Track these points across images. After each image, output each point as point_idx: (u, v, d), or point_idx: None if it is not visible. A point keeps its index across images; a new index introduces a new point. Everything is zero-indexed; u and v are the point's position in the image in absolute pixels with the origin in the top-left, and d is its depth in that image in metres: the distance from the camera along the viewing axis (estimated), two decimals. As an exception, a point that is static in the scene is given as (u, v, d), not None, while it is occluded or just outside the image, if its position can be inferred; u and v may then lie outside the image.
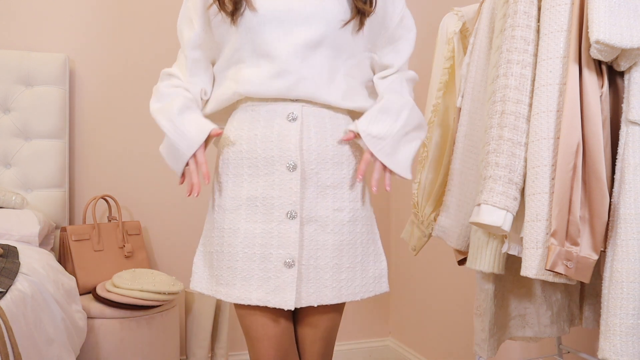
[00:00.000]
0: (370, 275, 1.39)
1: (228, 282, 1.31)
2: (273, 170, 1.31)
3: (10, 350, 1.35)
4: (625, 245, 1.21)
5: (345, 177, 1.36)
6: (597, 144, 1.25)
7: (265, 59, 1.31)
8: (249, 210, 1.31)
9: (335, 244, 1.33)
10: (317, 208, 1.32)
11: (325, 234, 1.32)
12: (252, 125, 1.33)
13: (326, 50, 1.32)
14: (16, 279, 1.63)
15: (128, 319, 2.19)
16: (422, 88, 1.82)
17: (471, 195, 1.59)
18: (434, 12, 2.60)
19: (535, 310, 1.67)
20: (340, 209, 1.34)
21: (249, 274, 1.30)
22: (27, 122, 2.44)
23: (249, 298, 1.29)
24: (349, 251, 1.35)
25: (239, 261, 1.30)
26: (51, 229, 2.38)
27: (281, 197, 1.30)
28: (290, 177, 1.29)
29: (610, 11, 1.20)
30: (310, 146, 1.32)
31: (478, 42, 1.58)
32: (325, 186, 1.33)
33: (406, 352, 2.89)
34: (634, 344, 1.20)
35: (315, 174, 1.32)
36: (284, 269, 1.28)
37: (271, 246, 1.29)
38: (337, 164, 1.35)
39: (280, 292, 1.28)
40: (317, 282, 1.31)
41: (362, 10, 1.33)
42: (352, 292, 1.35)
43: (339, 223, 1.33)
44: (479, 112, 1.58)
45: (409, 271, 2.88)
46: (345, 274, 1.34)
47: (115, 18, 2.66)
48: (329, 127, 1.34)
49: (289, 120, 1.31)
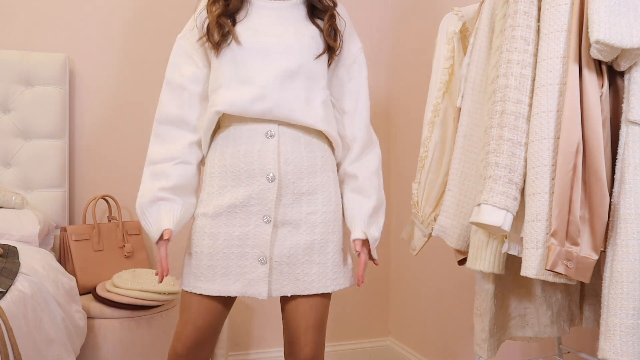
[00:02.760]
0: (341, 270, 1.55)
1: (208, 278, 1.49)
2: (254, 182, 1.48)
3: (10, 350, 1.35)
4: (625, 245, 1.22)
5: (319, 184, 1.53)
6: (597, 144, 1.25)
7: (246, 85, 1.48)
8: (229, 217, 1.49)
9: (307, 242, 1.50)
10: (292, 212, 1.50)
11: (298, 234, 1.50)
12: (236, 142, 1.51)
13: (302, 79, 1.50)
14: (16, 279, 1.63)
15: (128, 319, 2.19)
16: (422, 88, 1.82)
17: (471, 195, 1.59)
18: (434, 12, 2.60)
19: (535, 310, 1.67)
20: (313, 212, 1.52)
21: (228, 270, 1.48)
22: (27, 122, 2.44)
23: (228, 290, 1.48)
24: (320, 249, 1.52)
25: (218, 260, 1.48)
26: (51, 229, 2.38)
27: (259, 204, 1.48)
28: (269, 187, 1.48)
29: (610, 11, 1.20)
30: (287, 159, 1.50)
31: (478, 42, 1.58)
32: (301, 193, 1.51)
33: (406, 352, 2.89)
34: (634, 344, 1.20)
35: (292, 183, 1.50)
36: (258, 265, 1.48)
37: (247, 246, 1.48)
38: (312, 173, 1.52)
39: (255, 285, 1.47)
40: (289, 276, 1.50)
41: (332, 46, 1.54)
42: (324, 284, 1.52)
43: (311, 224, 1.51)
44: (479, 112, 1.58)
45: (409, 271, 2.88)
46: (316, 269, 1.51)
47: (115, 18, 2.66)
48: (302, 140, 1.52)
49: (268, 137, 1.49)
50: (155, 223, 1.48)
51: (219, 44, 1.49)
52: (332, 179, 1.56)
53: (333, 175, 1.57)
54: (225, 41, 1.49)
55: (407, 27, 2.91)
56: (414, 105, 2.75)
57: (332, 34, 1.55)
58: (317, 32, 1.54)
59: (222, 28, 1.49)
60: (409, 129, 2.85)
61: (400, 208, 2.94)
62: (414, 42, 2.82)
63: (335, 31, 1.56)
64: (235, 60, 1.49)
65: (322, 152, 1.55)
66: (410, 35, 2.87)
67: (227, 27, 1.49)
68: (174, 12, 2.66)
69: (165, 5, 2.69)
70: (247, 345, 2.78)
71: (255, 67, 1.48)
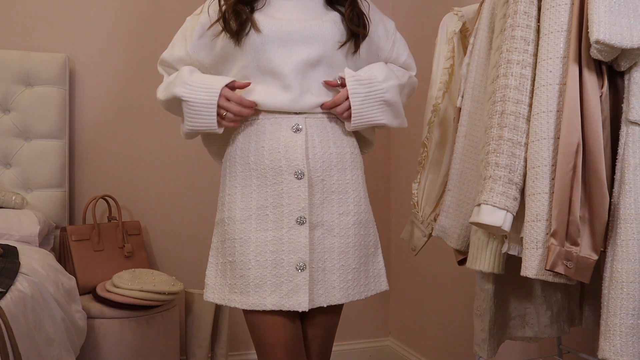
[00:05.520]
0: (371, 274, 1.47)
1: (242, 290, 1.36)
2: (281, 180, 1.38)
3: (10, 350, 1.35)
4: (625, 245, 1.21)
5: (349, 182, 1.45)
6: (597, 144, 1.25)
7: (269, 75, 1.41)
8: (259, 220, 1.38)
9: (341, 246, 1.41)
10: (324, 213, 1.40)
11: (332, 237, 1.40)
12: (259, 137, 1.41)
13: (324, 68, 1.43)
14: (16, 279, 1.63)
15: (128, 319, 2.19)
16: (422, 88, 1.82)
17: (471, 196, 1.59)
18: (434, 12, 2.60)
19: (535, 310, 1.67)
20: (345, 212, 1.43)
21: (262, 280, 1.36)
22: (27, 122, 2.44)
23: (264, 304, 1.35)
24: (355, 253, 1.43)
25: (251, 269, 1.36)
26: (51, 229, 2.38)
27: (290, 204, 1.37)
28: (299, 185, 1.37)
29: (611, 11, 1.20)
30: (315, 155, 1.41)
31: (478, 42, 1.58)
32: (331, 192, 1.42)
33: (406, 352, 2.89)
34: (634, 344, 1.20)
35: (321, 180, 1.41)
36: (296, 273, 1.35)
37: (282, 252, 1.36)
38: (341, 170, 1.44)
39: (294, 295, 1.34)
40: (325, 284, 1.38)
41: (356, 32, 1.44)
42: (358, 291, 1.43)
43: (344, 227, 1.42)
44: (479, 112, 1.58)
45: (409, 271, 2.88)
46: (351, 275, 1.42)
47: (116, 18, 2.66)
48: (331, 135, 1.44)
49: (294, 131, 1.40)
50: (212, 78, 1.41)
51: (237, 33, 1.40)
52: (361, 177, 1.50)
53: (362, 174, 1.51)
54: (243, 30, 1.40)
55: (407, 27, 2.91)
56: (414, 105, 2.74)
57: (354, 18, 1.45)
58: (339, 18, 1.45)
59: (239, 16, 1.40)
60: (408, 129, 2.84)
61: (400, 208, 2.94)
62: (414, 42, 2.82)
63: (359, 15, 1.46)
64: (256, 49, 1.40)
65: (351, 149, 1.48)
66: (410, 35, 2.87)
67: (244, 15, 1.40)
68: (174, 12, 2.66)
69: (166, 5, 2.69)
70: (247, 345, 2.78)
71: (277, 56, 1.39)
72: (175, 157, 2.71)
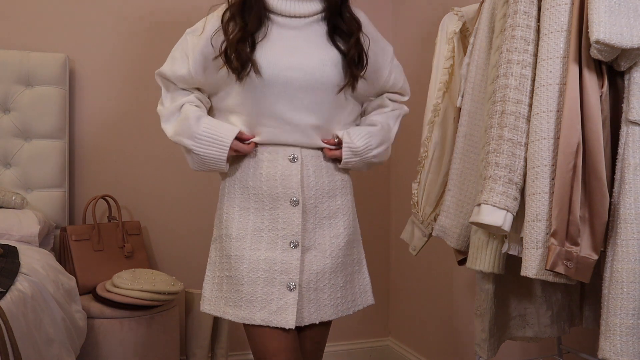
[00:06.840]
0: (357, 290, 1.57)
1: (235, 303, 1.44)
2: (278, 205, 1.46)
3: (10, 350, 1.35)
4: (625, 245, 1.21)
5: (340, 207, 1.54)
6: (597, 144, 1.25)
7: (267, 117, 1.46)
8: (254, 240, 1.46)
9: (332, 266, 1.50)
10: (316, 237, 1.49)
11: (324, 258, 1.49)
12: (257, 164, 1.48)
13: (325, 110, 1.48)
14: (16, 279, 1.63)
15: (128, 319, 2.19)
16: (422, 88, 1.82)
17: (471, 195, 1.59)
18: (434, 12, 2.60)
19: (535, 310, 1.67)
20: (336, 235, 1.52)
21: (253, 296, 1.43)
22: (27, 122, 2.44)
23: (253, 318, 1.42)
24: (343, 271, 1.53)
25: (244, 285, 1.43)
26: (51, 229, 2.38)
27: (285, 229, 1.46)
28: (293, 212, 1.46)
29: (611, 11, 1.20)
30: (309, 183, 1.49)
31: (478, 42, 1.58)
32: (322, 217, 1.51)
33: (406, 352, 2.89)
34: (634, 344, 1.20)
35: (314, 207, 1.49)
36: (286, 292, 1.43)
37: (275, 271, 1.44)
38: (332, 197, 1.53)
39: (282, 313, 1.41)
40: (317, 302, 1.47)
41: (355, 75, 1.48)
42: (346, 307, 1.54)
43: (336, 248, 1.51)
44: (479, 112, 1.58)
45: (409, 271, 2.88)
46: (340, 292, 1.52)
47: (116, 18, 2.66)
48: (324, 165, 1.52)
49: (291, 160, 1.47)
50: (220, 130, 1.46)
51: (239, 72, 1.42)
52: (351, 202, 1.59)
53: (351, 199, 1.59)
54: (244, 69, 1.42)
55: (407, 27, 2.91)
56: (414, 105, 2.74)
57: (356, 59, 1.48)
58: (340, 58, 1.47)
59: (240, 56, 1.41)
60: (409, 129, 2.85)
61: (400, 208, 2.94)
62: (414, 43, 2.82)
63: (360, 55, 1.49)
64: (255, 89, 1.44)
65: (342, 176, 1.57)
66: (411, 35, 2.87)
67: (245, 56, 1.41)
68: (174, 12, 2.66)
69: (166, 5, 2.69)
70: (247, 345, 2.78)
71: (277, 101, 1.44)
72: (175, 157, 2.71)
